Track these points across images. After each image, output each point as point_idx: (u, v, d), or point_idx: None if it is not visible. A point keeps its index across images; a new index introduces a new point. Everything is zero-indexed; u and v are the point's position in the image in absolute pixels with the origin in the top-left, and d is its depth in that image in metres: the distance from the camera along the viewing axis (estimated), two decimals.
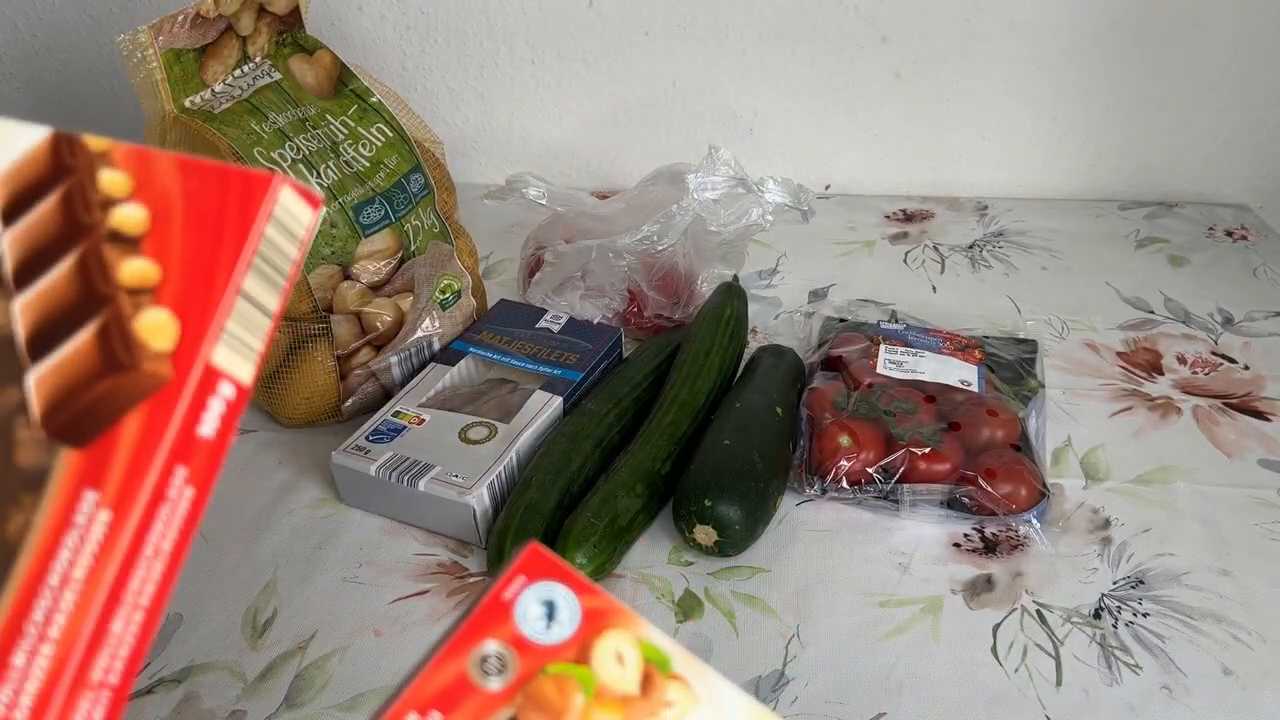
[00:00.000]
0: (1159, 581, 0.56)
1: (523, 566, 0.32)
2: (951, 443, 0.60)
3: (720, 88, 0.96)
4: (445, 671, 0.30)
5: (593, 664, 0.31)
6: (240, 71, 0.64)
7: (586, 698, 0.31)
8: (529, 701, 0.31)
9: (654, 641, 0.32)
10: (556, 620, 0.32)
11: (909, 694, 0.50)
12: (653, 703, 0.31)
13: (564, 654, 0.31)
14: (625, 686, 0.31)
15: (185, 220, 0.30)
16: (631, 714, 0.31)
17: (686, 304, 0.75)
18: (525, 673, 0.31)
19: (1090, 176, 0.98)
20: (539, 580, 0.32)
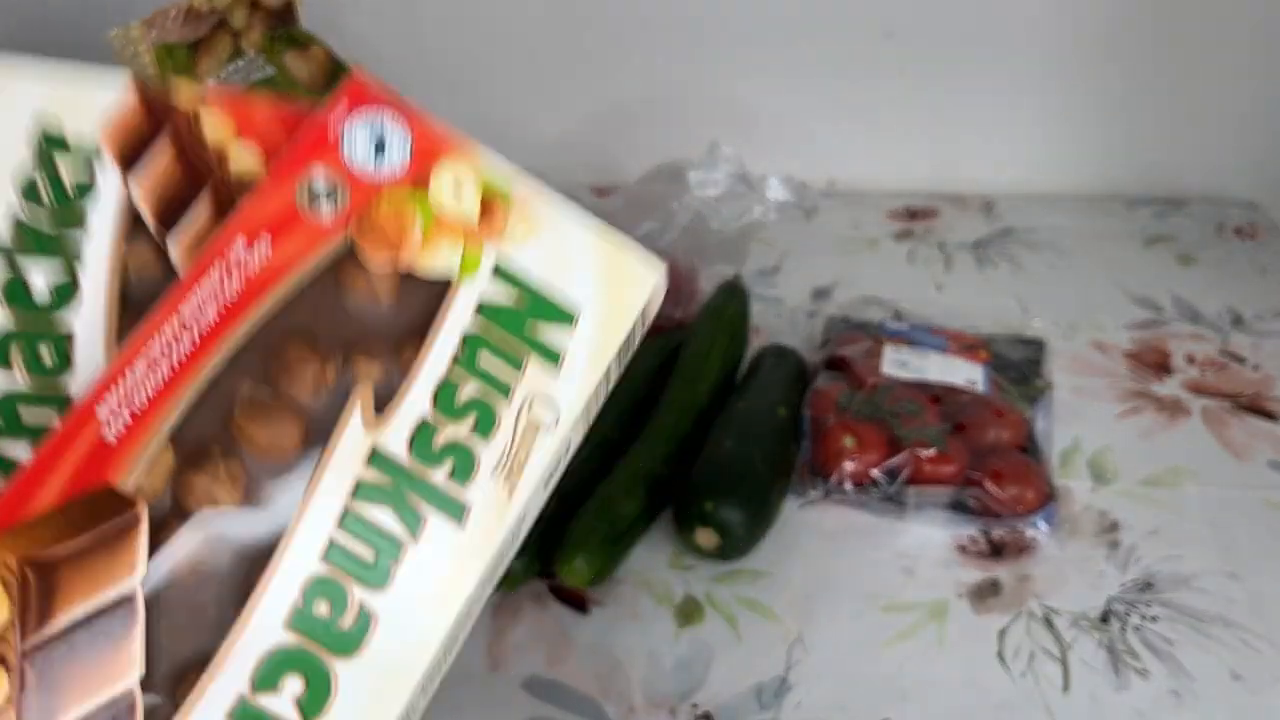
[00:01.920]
0: (1168, 585, 0.55)
1: (345, 95, 0.32)
2: (957, 444, 0.60)
3: (721, 83, 0.95)
4: (270, 201, 0.30)
5: (430, 192, 0.31)
6: (233, 66, 0.63)
7: (425, 225, 0.31)
8: (365, 228, 0.30)
9: (493, 170, 0.32)
10: (387, 151, 0.31)
11: (914, 700, 0.49)
12: (492, 228, 0.31)
13: (398, 184, 0.31)
14: (464, 214, 0.31)
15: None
16: (472, 239, 0.31)
17: (687, 303, 0.74)
18: (358, 203, 0.31)
19: (1097, 173, 0.97)
20: (365, 110, 0.32)
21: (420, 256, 0.30)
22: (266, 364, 0.29)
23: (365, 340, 0.30)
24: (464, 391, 0.30)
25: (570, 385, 0.31)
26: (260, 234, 0.30)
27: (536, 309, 0.31)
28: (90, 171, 0.31)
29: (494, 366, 0.30)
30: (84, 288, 0.30)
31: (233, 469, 0.28)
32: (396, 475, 0.29)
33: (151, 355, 0.28)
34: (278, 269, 0.29)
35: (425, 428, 0.29)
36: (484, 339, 0.30)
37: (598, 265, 0.32)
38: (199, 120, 0.32)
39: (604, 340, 0.31)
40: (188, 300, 0.28)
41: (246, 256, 0.29)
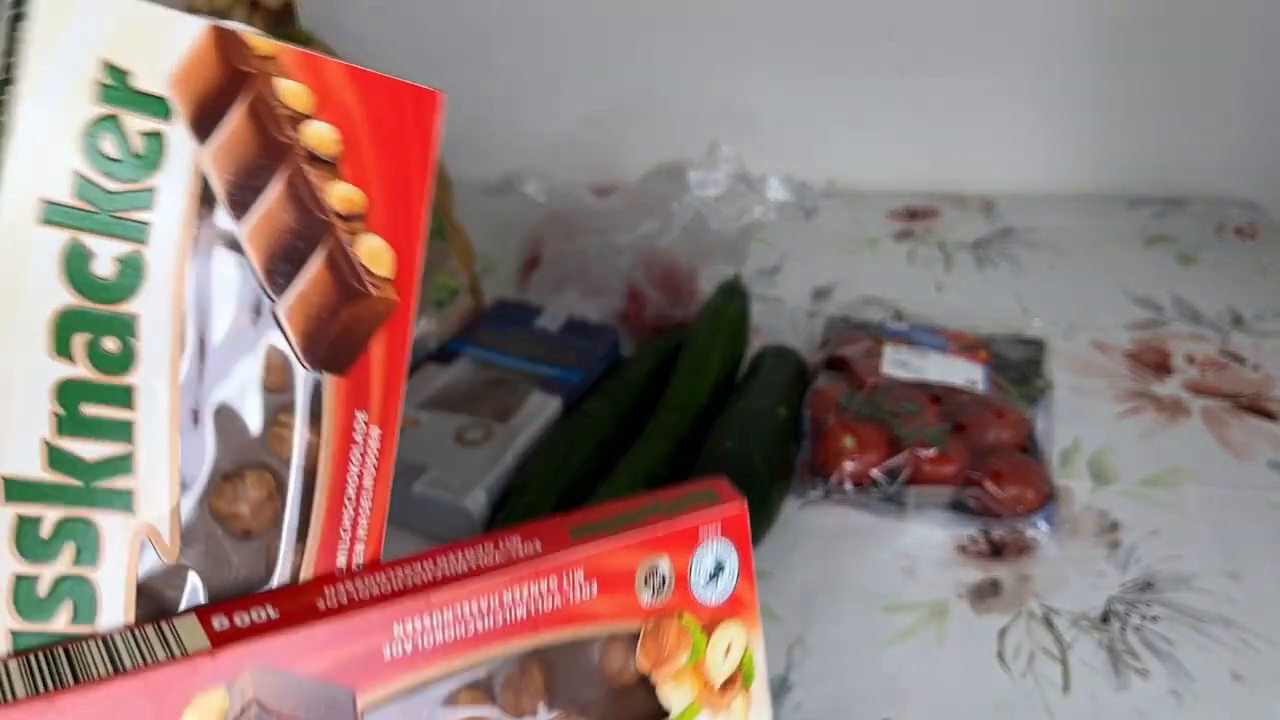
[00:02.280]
0: (1168, 585, 0.55)
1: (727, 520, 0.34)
2: (957, 444, 0.60)
3: (722, 83, 0.95)
4: (621, 558, 0.31)
5: (711, 638, 0.33)
6: None
7: (689, 662, 0.33)
8: (655, 629, 0.32)
9: (755, 657, 0.34)
10: (716, 582, 0.33)
11: (914, 700, 0.49)
12: (723, 701, 0.33)
13: (702, 615, 0.33)
14: (716, 675, 0.33)
15: (373, 140, 0.29)
16: (704, 699, 0.33)
17: (687, 303, 0.74)
18: (671, 605, 0.32)
19: (1098, 173, 0.97)
20: (727, 539, 0.33)
21: (665, 679, 0.32)
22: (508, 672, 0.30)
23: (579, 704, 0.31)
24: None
25: None
26: (594, 579, 0.31)
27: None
28: (159, 129, 0.26)
29: None
30: (151, 266, 0.27)
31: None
32: None
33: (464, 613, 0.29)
34: (588, 614, 0.31)
35: None
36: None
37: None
38: (278, 87, 0.28)
39: None
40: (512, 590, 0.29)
41: (575, 588, 0.30)
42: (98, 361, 0.26)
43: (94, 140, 0.25)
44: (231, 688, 0.25)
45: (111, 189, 0.26)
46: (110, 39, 0.25)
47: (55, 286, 0.25)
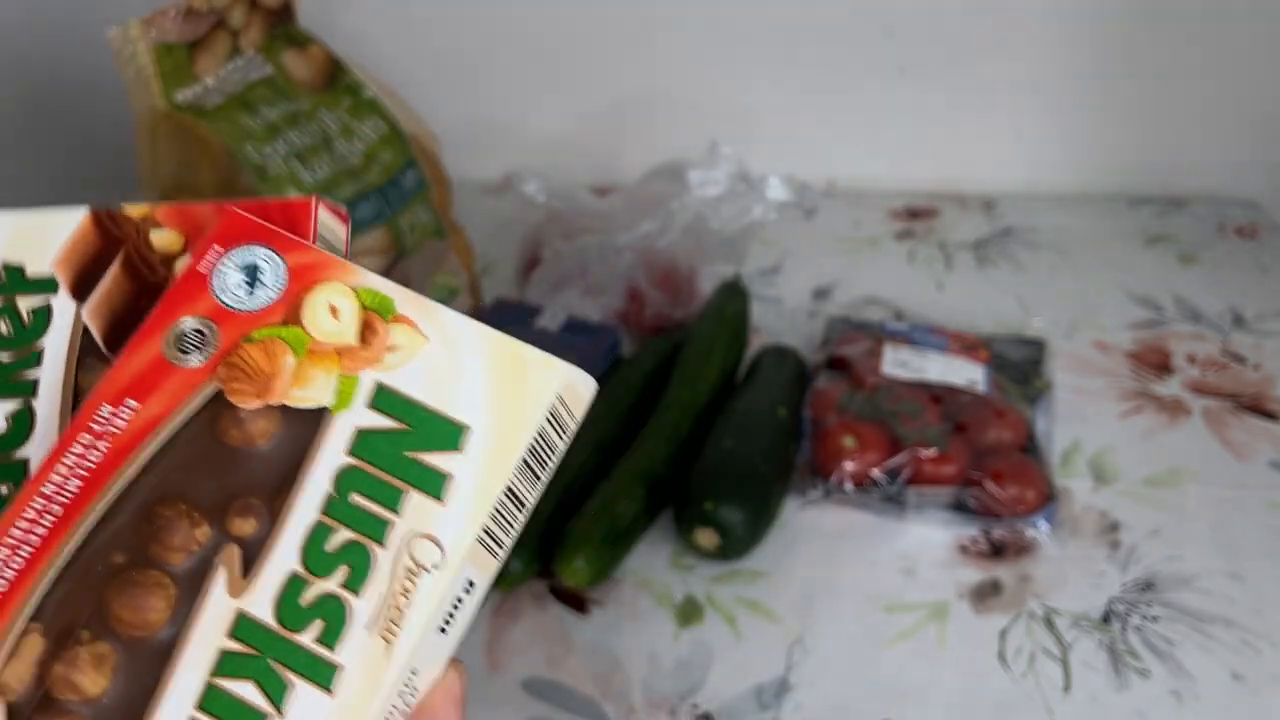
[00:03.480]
0: (1168, 585, 0.55)
1: (218, 236, 0.30)
2: (958, 444, 0.60)
3: (722, 82, 0.95)
4: (138, 357, 0.28)
5: (303, 321, 0.29)
6: (231, 65, 0.63)
7: (298, 357, 0.29)
8: (232, 371, 0.28)
9: (373, 287, 0.30)
10: (260, 284, 0.29)
11: (914, 700, 0.49)
12: (374, 349, 0.29)
13: (270, 318, 0.29)
14: (342, 338, 0.29)
15: None
16: (351, 364, 0.29)
17: (687, 303, 0.74)
18: (229, 343, 0.29)
19: (1098, 173, 0.97)
20: (239, 245, 0.30)
21: (292, 391, 0.28)
22: (138, 531, 0.27)
23: (243, 494, 0.28)
24: (335, 539, 0.27)
25: (458, 515, 0.28)
26: (124, 397, 0.28)
27: (419, 434, 0.28)
28: (47, 302, 0.31)
29: (368, 506, 0.28)
30: (39, 416, 0.30)
31: (100, 651, 0.26)
32: (262, 642, 0.26)
33: (12, 540, 0.26)
34: (143, 428, 0.28)
35: (294, 585, 0.27)
36: (359, 475, 0.28)
37: (492, 374, 0.29)
38: (147, 235, 0.32)
39: (499, 457, 0.28)
40: (49, 477, 0.27)
41: (110, 421, 0.28)
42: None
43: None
44: None
45: (4, 360, 0.30)
46: (7, 243, 0.31)
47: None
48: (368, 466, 0.28)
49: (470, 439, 0.28)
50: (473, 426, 0.28)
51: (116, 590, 0.27)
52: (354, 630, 0.27)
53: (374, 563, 0.27)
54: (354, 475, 0.28)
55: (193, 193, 0.64)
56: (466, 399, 0.28)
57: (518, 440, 0.28)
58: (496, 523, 0.28)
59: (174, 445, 0.28)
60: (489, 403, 0.28)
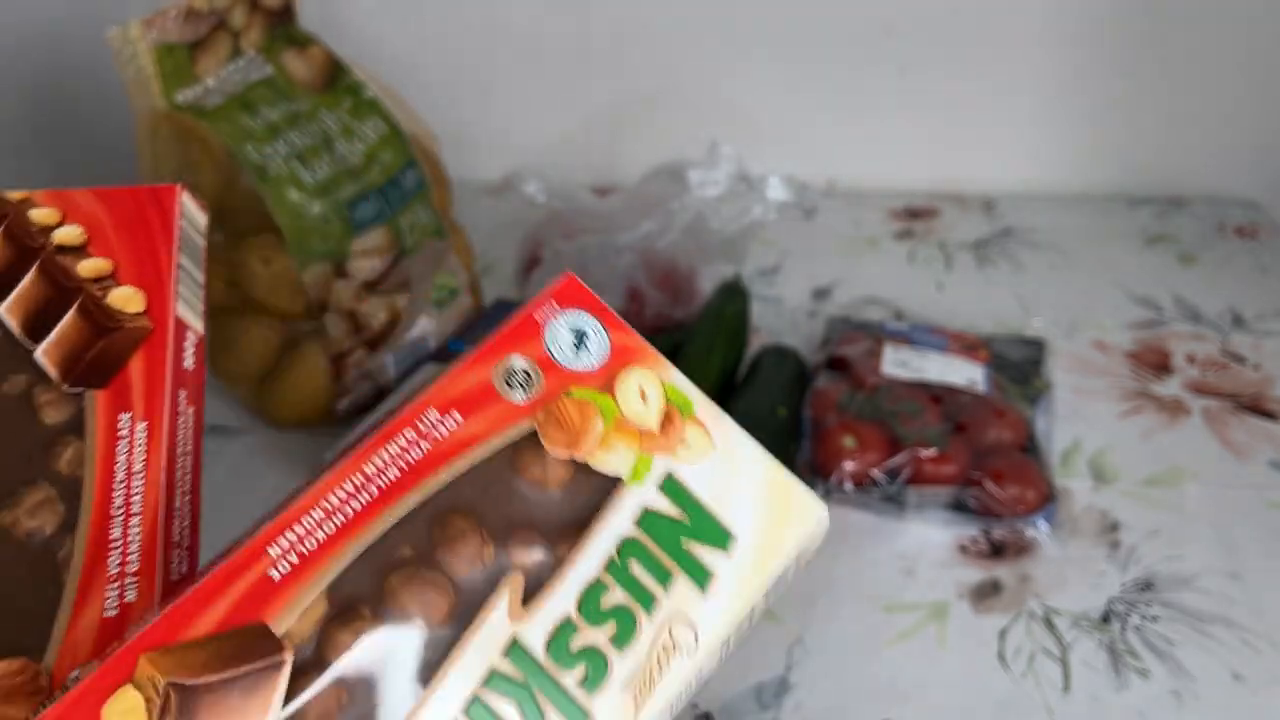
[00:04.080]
0: (1168, 585, 0.55)
1: (557, 293, 0.33)
2: (957, 444, 0.60)
3: (722, 82, 0.95)
4: (469, 377, 0.31)
5: (616, 395, 0.32)
6: (232, 66, 0.63)
7: (606, 425, 0.31)
8: (550, 418, 0.31)
9: (678, 385, 0.33)
10: (585, 349, 0.32)
11: (914, 700, 0.49)
12: (670, 440, 0.32)
13: (589, 381, 0.32)
14: (645, 421, 0.32)
15: (116, 226, 0.39)
16: (648, 447, 0.32)
17: (687, 303, 0.74)
18: (549, 392, 0.32)
19: (1098, 173, 0.97)
20: (572, 308, 0.33)
21: (596, 453, 0.31)
22: (430, 533, 0.29)
23: (527, 527, 0.30)
24: (610, 597, 0.30)
25: (715, 611, 0.31)
26: (452, 408, 0.30)
27: (695, 527, 0.31)
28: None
29: (644, 577, 0.30)
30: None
31: (376, 630, 0.28)
32: (530, 671, 0.29)
33: (329, 504, 0.29)
34: (463, 441, 0.30)
35: (566, 627, 0.29)
36: (639, 547, 0.30)
37: (762, 496, 0.32)
38: (29, 215, 0.38)
39: (757, 572, 0.31)
40: (373, 458, 0.29)
41: (436, 426, 0.30)
42: None
43: None
44: (137, 681, 0.26)
45: None
46: None
47: None
48: (649, 542, 0.31)
49: (735, 547, 0.31)
50: (739, 537, 0.31)
51: (403, 581, 0.29)
52: (612, 685, 0.29)
53: (639, 629, 0.30)
54: (636, 546, 0.30)
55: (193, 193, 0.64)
56: (738, 510, 0.32)
57: (774, 561, 0.32)
58: (738, 629, 0.31)
59: (478, 468, 0.30)
60: (756, 520, 0.32)
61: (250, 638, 0.27)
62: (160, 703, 0.26)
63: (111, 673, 0.26)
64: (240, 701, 0.26)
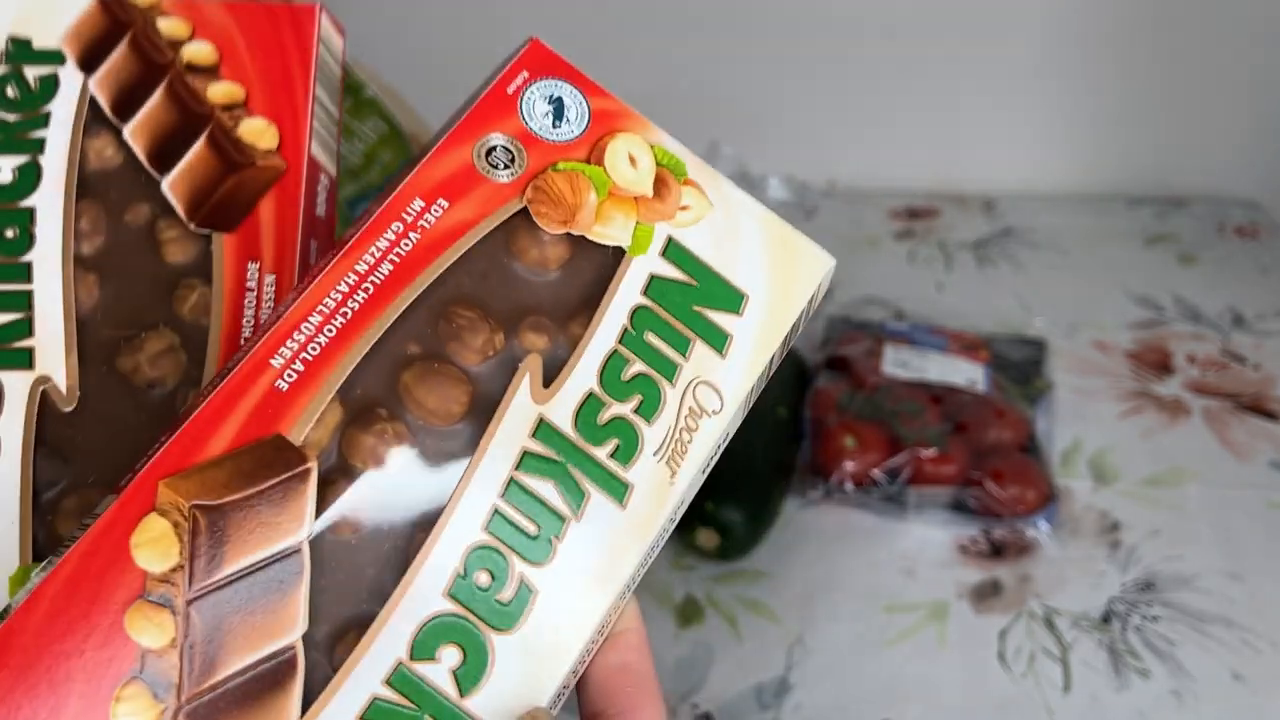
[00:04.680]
0: (1169, 585, 0.55)
1: (525, 61, 0.32)
2: (958, 444, 0.60)
3: (722, 81, 0.95)
4: (449, 160, 0.30)
5: (605, 164, 0.31)
6: None
7: (600, 196, 0.30)
8: (540, 194, 0.30)
9: (667, 146, 0.32)
10: (565, 119, 0.31)
11: (915, 700, 0.49)
12: (667, 205, 0.31)
13: (573, 153, 0.31)
14: (639, 187, 0.31)
15: (250, 47, 0.35)
16: (645, 214, 0.31)
17: None
18: (534, 168, 0.30)
19: (1098, 173, 0.97)
20: (544, 77, 0.32)
21: (594, 226, 0.30)
22: (435, 327, 0.28)
23: (533, 308, 0.29)
24: (630, 369, 0.29)
25: (734, 372, 0.30)
26: (437, 195, 0.29)
27: (704, 290, 0.30)
28: (54, 73, 0.34)
29: (660, 346, 0.30)
30: (45, 171, 0.33)
31: (398, 430, 0.27)
32: (562, 449, 0.28)
33: (326, 308, 0.28)
34: (453, 230, 0.29)
35: (591, 402, 0.29)
36: (652, 316, 0.30)
37: (767, 251, 0.31)
38: (157, 23, 0.35)
39: (770, 328, 0.31)
40: (363, 256, 0.28)
41: (422, 215, 0.29)
42: (1, 247, 0.32)
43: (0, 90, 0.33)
44: (160, 508, 0.25)
45: (12, 120, 0.33)
46: (13, 20, 0.34)
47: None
48: (660, 310, 0.30)
49: (748, 306, 0.31)
50: (750, 296, 0.31)
51: (417, 378, 0.28)
52: (645, 454, 0.29)
53: (663, 397, 0.29)
54: (648, 315, 0.30)
55: None
56: (745, 268, 0.31)
57: (787, 315, 0.31)
58: (755, 387, 0.31)
59: (473, 255, 0.29)
60: (765, 276, 0.31)
61: (269, 450, 0.26)
62: (189, 525, 0.25)
63: (131, 503, 0.25)
64: (271, 515, 0.26)
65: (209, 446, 0.26)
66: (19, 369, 0.31)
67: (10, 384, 0.31)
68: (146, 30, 0.35)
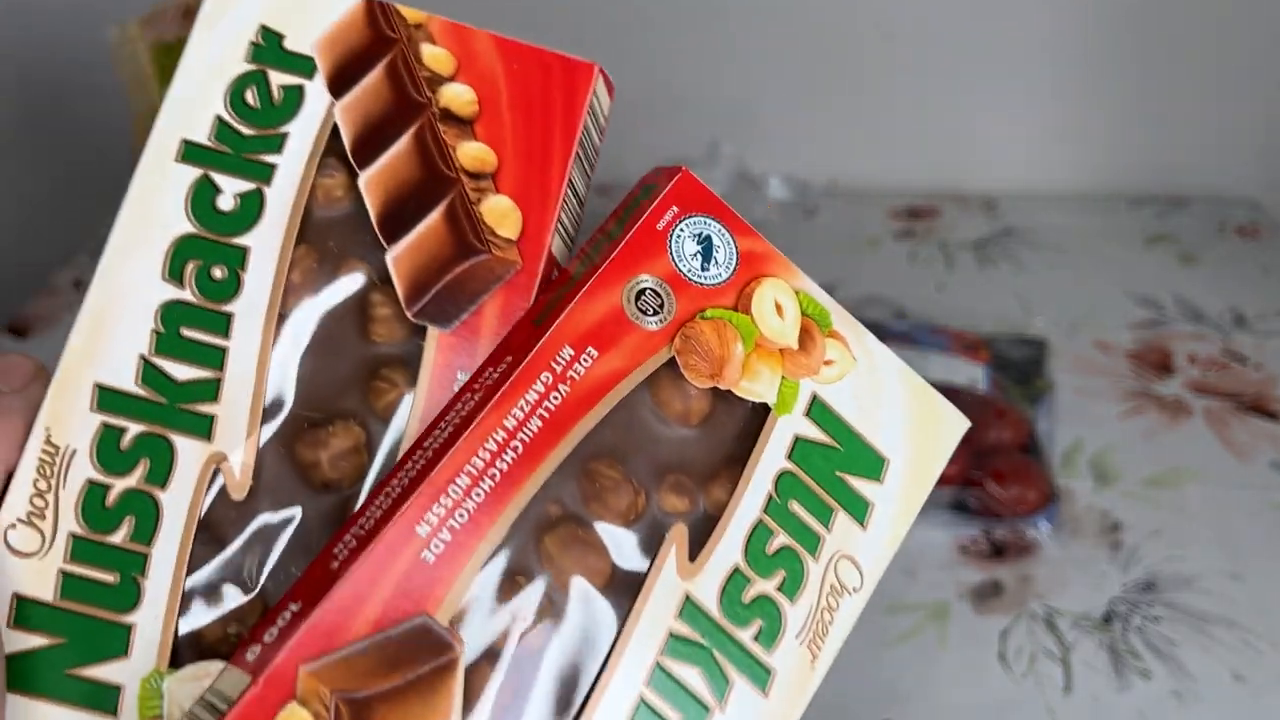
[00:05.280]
0: (1169, 585, 0.55)
1: (675, 195, 0.29)
2: (958, 444, 0.59)
3: (722, 81, 0.95)
4: (599, 303, 0.27)
5: (752, 313, 0.29)
6: None
7: (747, 348, 0.28)
8: (688, 345, 0.28)
9: (813, 294, 0.30)
10: (714, 259, 0.29)
11: (915, 701, 0.49)
12: (813, 359, 0.29)
13: (721, 299, 0.28)
14: (784, 339, 0.29)
15: (512, 104, 0.30)
16: (791, 368, 0.29)
17: None
18: (683, 313, 0.28)
19: (1099, 173, 0.97)
20: (694, 213, 0.29)
21: (740, 380, 0.28)
22: (578, 486, 0.26)
23: (674, 466, 0.27)
24: (774, 541, 0.27)
25: (876, 544, 0.28)
26: (587, 343, 0.27)
27: (848, 455, 0.28)
28: (300, 84, 0.29)
29: (805, 516, 0.28)
30: (269, 205, 0.29)
31: (543, 606, 0.26)
32: (707, 630, 0.26)
33: (475, 469, 0.25)
34: (604, 382, 0.27)
35: (737, 578, 0.27)
36: (797, 483, 0.28)
37: (908, 413, 0.30)
38: (420, 51, 0.30)
39: (910, 497, 0.29)
40: (511, 410, 0.26)
41: (573, 366, 0.27)
42: (204, 288, 0.28)
43: (239, 91, 0.29)
44: (302, 697, 0.23)
45: (247, 134, 0.29)
46: (272, 7, 0.29)
47: (180, 216, 0.28)
48: (805, 476, 0.28)
49: (888, 472, 0.29)
50: (893, 461, 0.29)
51: (560, 544, 0.26)
52: (788, 637, 0.27)
53: (807, 573, 0.28)
54: (794, 482, 0.28)
55: None
56: (887, 431, 0.29)
57: (925, 482, 0.29)
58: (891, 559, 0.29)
59: (618, 408, 0.27)
60: (906, 440, 0.29)
61: (415, 634, 0.24)
62: (332, 717, 0.23)
63: (272, 691, 0.23)
64: (419, 707, 0.24)
65: (352, 627, 0.24)
66: (196, 437, 0.27)
67: (184, 453, 0.27)
68: (407, 56, 0.30)
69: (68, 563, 0.26)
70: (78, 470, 0.27)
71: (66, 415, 0.27)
